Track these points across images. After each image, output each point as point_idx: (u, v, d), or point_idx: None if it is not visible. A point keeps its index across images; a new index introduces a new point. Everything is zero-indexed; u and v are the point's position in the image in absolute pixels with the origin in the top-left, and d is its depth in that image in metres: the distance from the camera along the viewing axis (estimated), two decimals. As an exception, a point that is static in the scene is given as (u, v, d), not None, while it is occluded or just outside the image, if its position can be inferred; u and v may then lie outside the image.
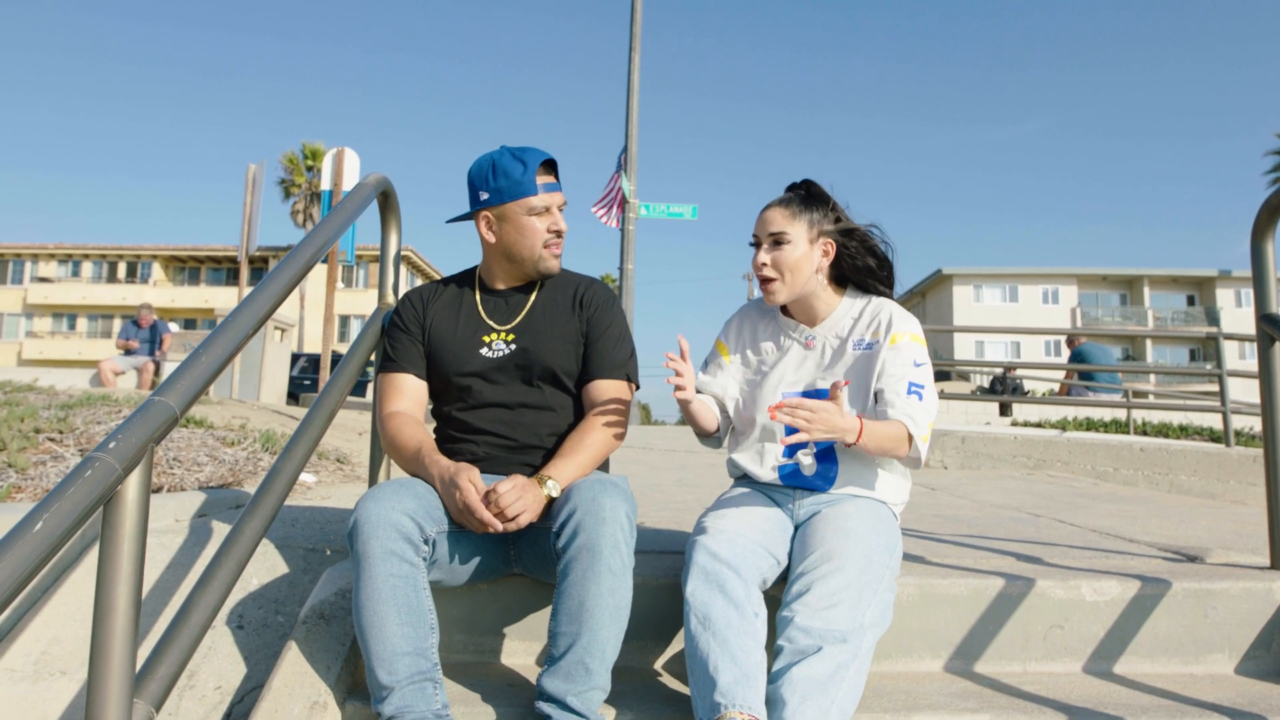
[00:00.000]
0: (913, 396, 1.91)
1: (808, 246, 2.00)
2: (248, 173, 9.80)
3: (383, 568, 1.67)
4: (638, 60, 13.09)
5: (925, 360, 1.98)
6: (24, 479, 3.46)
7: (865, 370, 1.99)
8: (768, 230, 2.02)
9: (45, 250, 44.04)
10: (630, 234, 12.91)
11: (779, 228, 2.00)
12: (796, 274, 2.00)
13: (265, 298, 1.77)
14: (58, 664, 2.02)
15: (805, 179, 2.08)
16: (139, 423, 1.33)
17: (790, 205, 2.02)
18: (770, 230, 2.01)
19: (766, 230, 2.02)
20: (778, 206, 2.03)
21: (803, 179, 2.08)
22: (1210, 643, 2.04)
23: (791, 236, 1.99)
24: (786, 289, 2.01)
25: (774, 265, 2.00)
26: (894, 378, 1.94)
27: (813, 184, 2.07)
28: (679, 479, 4.74)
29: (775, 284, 2.01)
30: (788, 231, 1.99)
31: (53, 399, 5.18)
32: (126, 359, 10.15)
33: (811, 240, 2.01)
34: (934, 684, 1.90)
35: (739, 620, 1.66)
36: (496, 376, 2.04)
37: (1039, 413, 12.73)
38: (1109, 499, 4.31)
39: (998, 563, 2.28)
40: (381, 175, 2.48)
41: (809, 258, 2.00)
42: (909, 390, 1.92)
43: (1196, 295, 44.78)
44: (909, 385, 1.92)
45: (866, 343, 2.01)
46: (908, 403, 1.91)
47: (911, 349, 1.96)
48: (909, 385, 1.92)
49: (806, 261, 2.00)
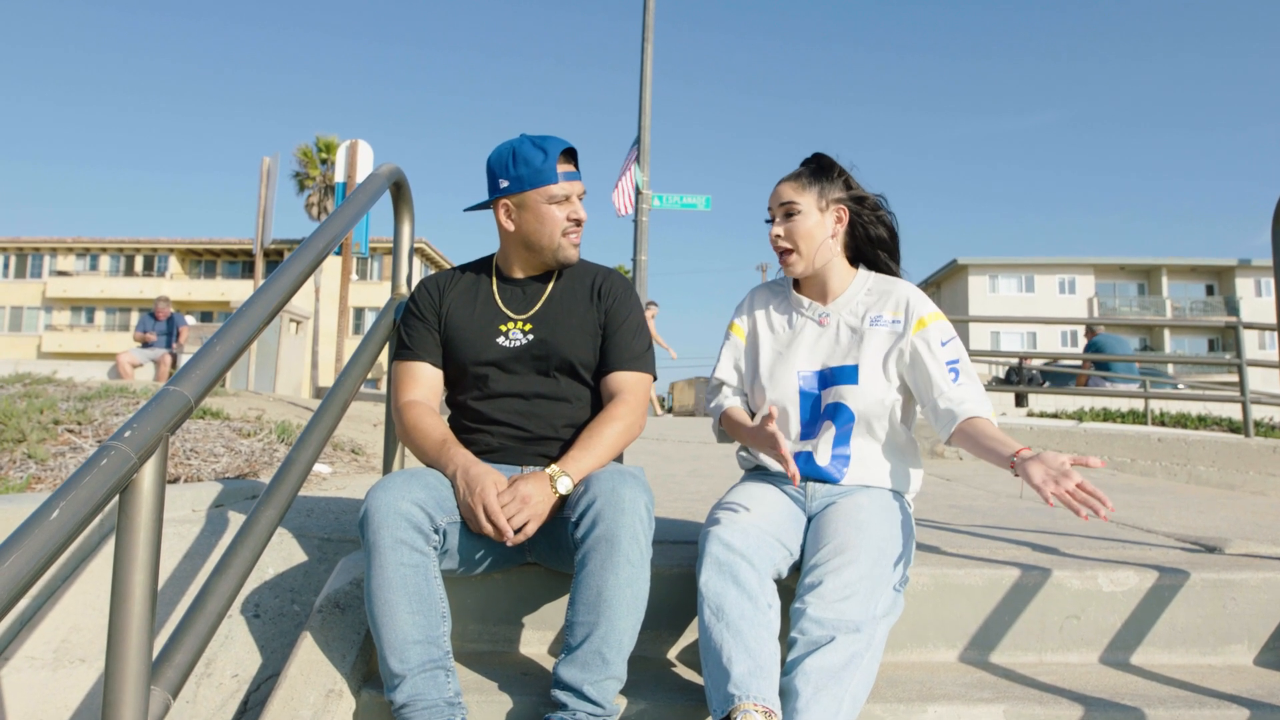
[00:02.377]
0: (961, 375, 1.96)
1: (819, 215, 2.03)
2: (262, 166, 9.85)
3: (393, 557, 1.68)
4: (651, 51, 13.03)
5: (952, 334, 2.01)
6: (43, 469, 3.50)
7: (882, 348, 2.00)
8: (778, 202, 2.05)
9: (64, 244, 44.45)
10: (643, 225, 12.89)
11: (788, 198, 2.03)
12: (810, 242, 2.02)
13: (278, 288, 1.77)
14: (77, 652, 2.04)
15: (816, 152, 2.10)
16: (154, 412, 1.34)
17: (799, 178, 2.06)
18: (780, 201, 2.05)
19: (777, 202, 2.05)
20: (787, 180, 2.07)
21: (813, 153, 2.10)
22: (1229, 634, 2.02)
23: (802, 206, 2.02)
24: (803, 260, 2.04)
25: (787, 236, 2.03)
26: (936, 366, 1.96)
27: (823, 156, 2.09)
28: (692, 469, 4.74)
29: (792, 255, 2.04)
30: (797, 202, 2.02)
31: (71, 391, 5.23)
32: (144, 351, 10.24)
33: (822, 209, 2.03)
34: (949, 674, 1.89)
35: (753, 611, 1.66)
36: (513, 366, 2.04)
37: (1055, 403, 12.63)
38: (1126, 489, 4.28)
39: (1013, 553, 2.26)
40: (394, 165, 2.48)
41: (821, 225, 2.03)
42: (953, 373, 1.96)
43: (1215, 285, 44.30)
44: (950, 368, 1.96)
45: (886, 320, 2.01)
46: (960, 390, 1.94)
47: (938, 330, 2.00)
48: (950, 368, 1.96)
49: (819, 229, 2.02)
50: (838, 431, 1.99)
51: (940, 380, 1.95)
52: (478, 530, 1.79)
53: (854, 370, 1.98)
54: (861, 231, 2.06)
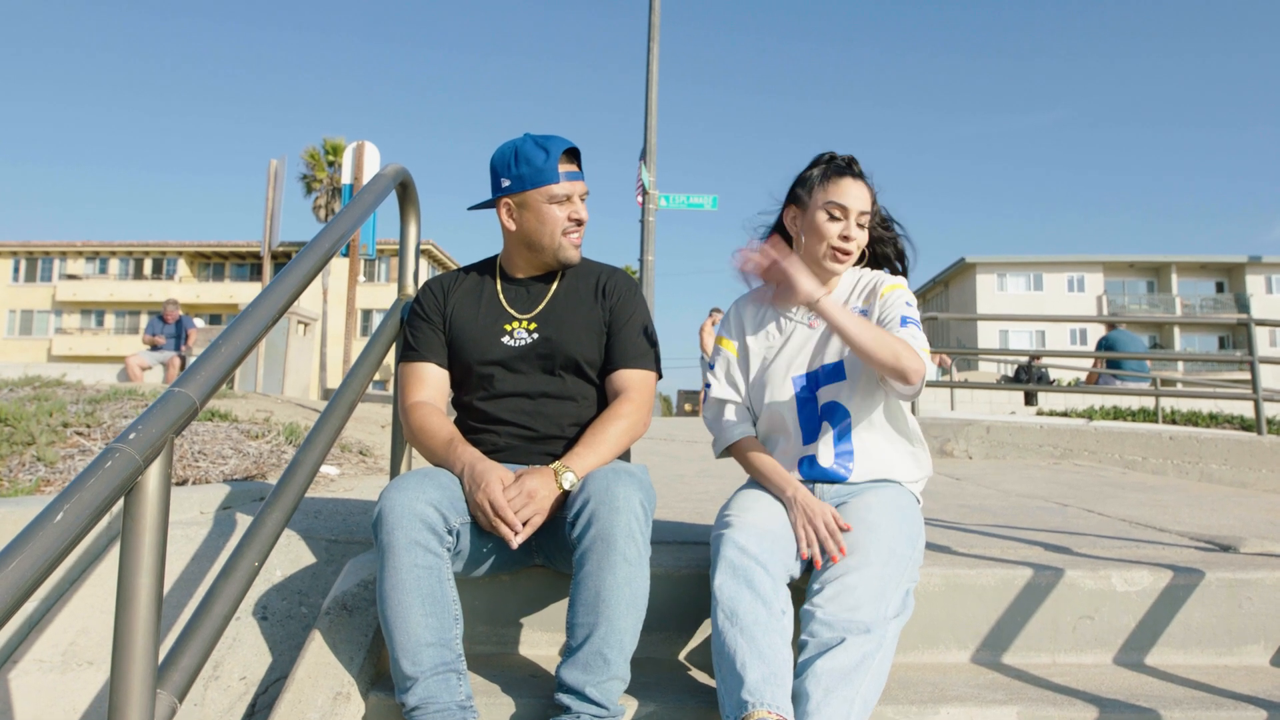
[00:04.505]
0: (909, 326, 1.93)
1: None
2: (270, 169, 9.88)
3: (407, 558, 1.67)
4: (656, 51, 13.02)
5: (912, 299, 2.01)
6: (52, 472, 3.50)
7: None
8: (859, 208, 1.99)
9: (73, 248, 44.69)
10: (650, 225, 12.87)
11: (869, 208, 2.00)
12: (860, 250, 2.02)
13: (284, 289, 1.77)
14: (85, 654, 2.04)
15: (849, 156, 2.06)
16: (158, 414, 1.33)
17: (869, 187, 2.02)
18: (859, 209, 1.99)
19: (858, 208, 1.99)
20: (864, 183, 2.01)
21: (846, 155, 2.06)
22: (1245, 634, 2.00)
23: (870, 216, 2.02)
24: (850, 264, 2.02)
25: (857, 242, 1.99)
26: (890, 318, 1.95)
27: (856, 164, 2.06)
28: (701, 469, 4.72)
29: (850, 259, 2.00)
30: (870, 213, 2.01)
31: (81, 394, 5.25)
32: (153, 354, 10.28)
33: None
34: (961, 675, 1.87)
35: (767, 617, 1.65)
36: (518, 365, 2.03)
37: (1065, 402, 12.58)
38: (1138, 488, 4.25)
39: (1025, 553, 2.24)
40: (400, 166, 2.47)
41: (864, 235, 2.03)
42: (903, 322, 1.94)
43: (1226, 282, 44.07)
44: (902, 319, 1.94)
45: (861, 310, 2.01)
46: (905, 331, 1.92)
47: (899, 294, 1.99)
48: (902, 319, 1.94)
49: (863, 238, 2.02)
50: (836, 430, 1.98)
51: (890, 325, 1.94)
52: (487, 527, 1.78)
53: (840, 365, 1.97)
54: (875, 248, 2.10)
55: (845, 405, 1.97)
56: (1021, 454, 6.16)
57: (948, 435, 6.26)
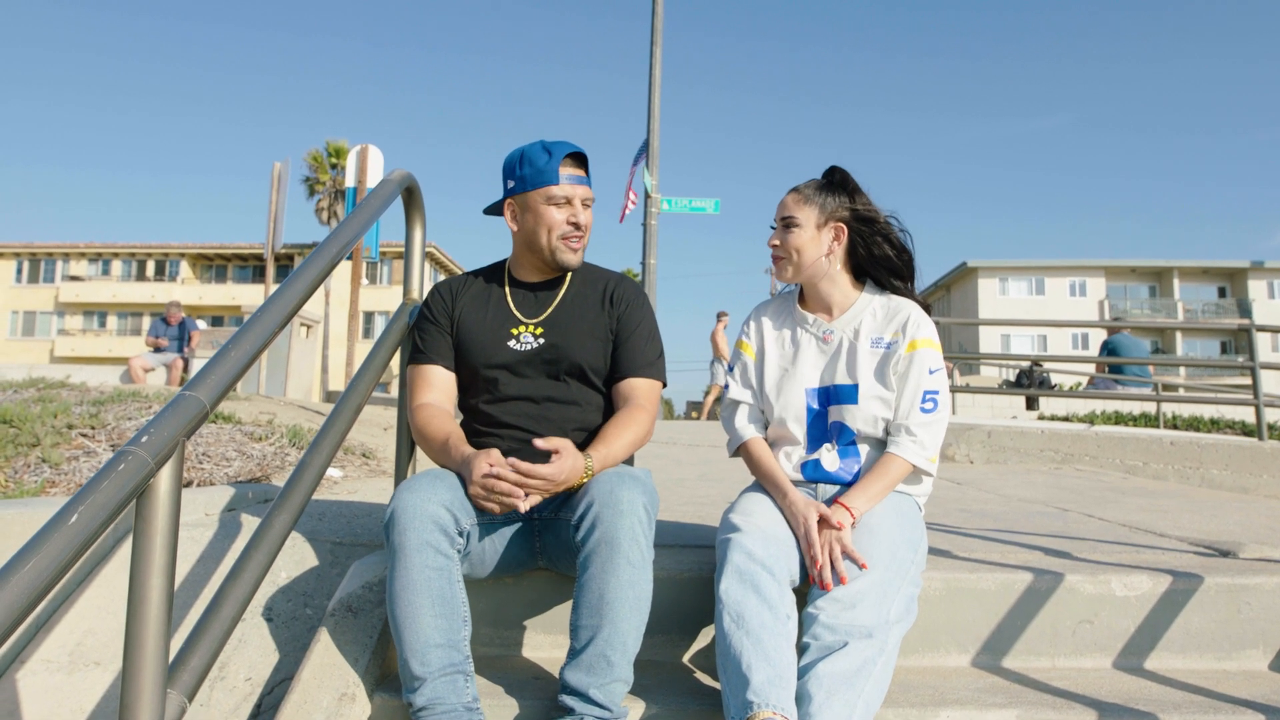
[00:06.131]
0: (925, 413, 1.96)
1: (815, 231, 2.07)
2: (273, 171, 9.91)
3: (418, 559, 1.69)
4: (659, 55, 13.03)
5: (940, 366, 2.03)
6: (57, 474, 3.52)
7: (882, 368, 2.01)
8: (781, 213, 2.11)
9: (76, 249, 44.72)
10: (652, 229, 12.88)
11: (788, 212, 2.09)
12: (803, 255, 2.07)
13: (292, 294, 1.78)
14: (92, 655, 2.05)
15: (834, 165, 2.13)
16: (171, 417, 1.35)
17: (804, 192, 2.10)
18: (781, 214, 2.11)
19: (780, 213, 2.12)
20: (793, 192, 2.12)
21: (832, 165, 2.14)
22: (1244, 639, 2.01)
23: (800, 220, 2.07)
24: (792, 268, 2.10)
25: (782, 246, 2.09)
26: (910, 393, 1.98)
27: (836, 171, 2.12)
28: (702, 473, 4.74)
29: (783, 262, 2.11)
30: (796, 216, 2.07)
31: (84, 395, 5.26)
32: (156, 356, 10.29)
33: (819, 225, 2.07)
34: (961, 679, 1.89)
35: (772, 621, 1.66)
36: (524, 370, 2.05)
37: (1066, 406, 12.58)
38: (1139, 493, 4.25)
39: (1025, 557, 2.26)
40: (406, 172, 2.49)
41: (816, 241, 2.07)
42: (923, 401, 1.97)
43: (1228, 287, 44.04)
44: (923, 394, 1.98)
45: (886, 342, 2.03)
46: (920, 421, 1.96)
47: (928, 356, 2.00)
48: (923, 394, 1.98)
49: (813, 245, 2.06)
50: (841, 446, 2.02)
51: (908, 406, 1.97)
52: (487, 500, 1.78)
53: (854, 390, 2.00)
54: (864, 251, 2.07)
55: (852, 427, 2.00)
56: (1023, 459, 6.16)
57: (949, 440, 6.27)
